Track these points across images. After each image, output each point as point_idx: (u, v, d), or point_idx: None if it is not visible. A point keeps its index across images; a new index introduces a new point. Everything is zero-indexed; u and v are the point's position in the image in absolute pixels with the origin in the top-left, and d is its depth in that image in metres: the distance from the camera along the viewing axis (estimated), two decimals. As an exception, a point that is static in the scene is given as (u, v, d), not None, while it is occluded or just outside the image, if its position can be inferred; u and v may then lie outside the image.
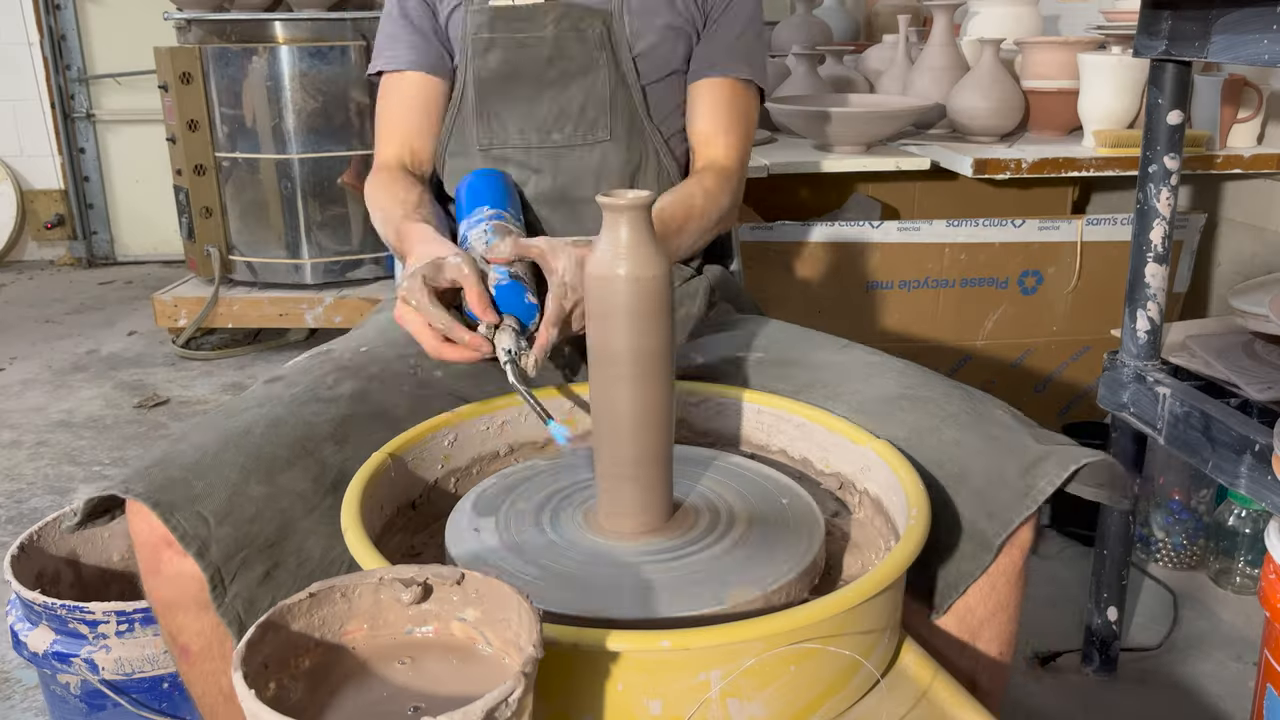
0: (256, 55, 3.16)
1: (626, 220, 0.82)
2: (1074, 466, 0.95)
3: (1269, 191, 2.22)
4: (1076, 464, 0.95)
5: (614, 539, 0.89)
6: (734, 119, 1.35)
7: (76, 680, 1.40)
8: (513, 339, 1.01)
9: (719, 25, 1.35)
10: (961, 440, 1.00)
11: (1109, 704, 1.64)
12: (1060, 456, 0.96)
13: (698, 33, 1.35)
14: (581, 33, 1.29)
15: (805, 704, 0.77)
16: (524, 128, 1.33)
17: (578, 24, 1.28)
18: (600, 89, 1.31)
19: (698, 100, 1.36)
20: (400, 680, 0.68)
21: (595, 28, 1.29)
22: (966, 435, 1.01)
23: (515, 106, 1.32)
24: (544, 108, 1.32)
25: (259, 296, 3.31)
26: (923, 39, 2.59)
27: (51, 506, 2.34)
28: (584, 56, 1.29)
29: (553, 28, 1.28)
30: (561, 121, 1.32)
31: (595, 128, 1.32)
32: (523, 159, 1.33)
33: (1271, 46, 1.17)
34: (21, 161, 4.57)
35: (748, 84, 1.37)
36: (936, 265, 2.24)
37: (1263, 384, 1.38)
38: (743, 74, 1.35)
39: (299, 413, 1.04)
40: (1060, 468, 0.95)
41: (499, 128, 1.33)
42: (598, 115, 1.32)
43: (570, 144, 1.32)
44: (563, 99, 1.31)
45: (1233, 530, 1.89)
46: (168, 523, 0.92)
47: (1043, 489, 0.94)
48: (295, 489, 0.98)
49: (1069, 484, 0.96)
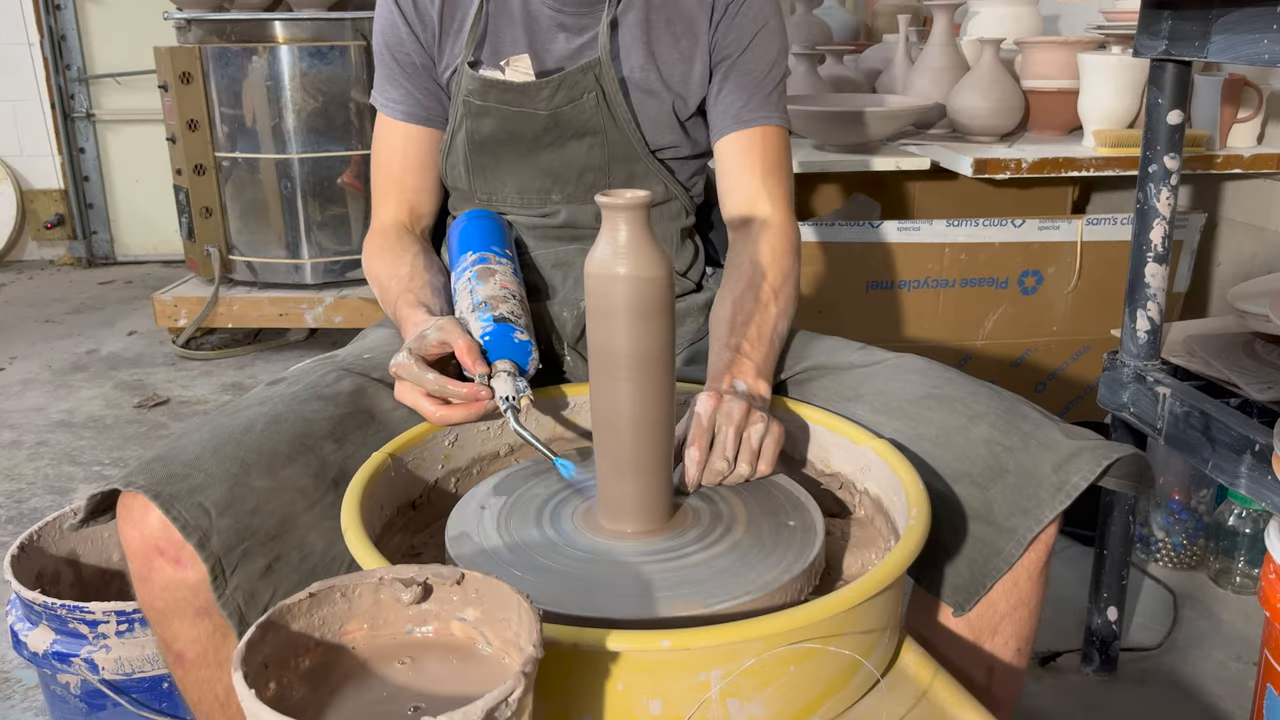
0: (256, 55, 3.16)
1: (625, 220, 0.82)
2: (1107, 462, 0.96)
3: (1269, 191, 2.22)
4: (1109, 459, 0.96)
5: (614, 539, 0.89)
6: (768, 166, 1.24)
7: (76, 680, 1.40)
8: (509, 383, 1.00)
9: (741, 67, 1.23)
10: (992, 438, 1.01)
11: (1109, 704, 1.64)
12: (1093, 452, 0.97)
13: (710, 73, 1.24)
14: (577, 103, 1.20)
15: (805, 704, 0.77)
16: (522, 188, 1.27)
17: (572, 94, 1.20)
18: (597, 154, 1.24)
19: (726, 158, 1.25)
20: (400, 680, 0.68)
21: (591, 93, 1.20)
22: (997, 433, 1.01)
23: (510, 166, 1.26)
24: (539, 170, 1.25)
25: (259, 296, 3.31)
26: (923, 39, 2.59)
27: (51, 506, 2.34)
28: (580, 124, 1.22)
29: (546, 104, 1.20)
30: (561, 184, 1.26)
31: (594, 189, 1.25)
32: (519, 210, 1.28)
33: (1271, 46, 1.17)
34: (21, 161, 4.57)
35: (778, 129, 1.26)
36: (936, 265, 2.24)
37: (1263, 384, 1.38)
38: (774, 121, 1.24)
39: (299, 410, 1.04)
40: (1094, 463, 0.96)
41: (496, 183, 1.27)
42: (596, 178, 1.25)
43: (569, 202, 1.26)
44: (559, 163, 1.25)
45: (1233, 530, 1.89)
46: (169, 513, 0.92)
47: (1076, 484, 0.95)
48: (297, 484, 0.98)
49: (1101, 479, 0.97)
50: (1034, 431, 1.01)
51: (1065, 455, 0.97)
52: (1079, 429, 1.03)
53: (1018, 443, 1.00)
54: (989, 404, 1.04)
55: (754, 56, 1.24)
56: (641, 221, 0.83)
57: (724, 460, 0.95)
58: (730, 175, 1.25)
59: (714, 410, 0.96)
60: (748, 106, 1.23)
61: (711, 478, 0.96)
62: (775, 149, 1.25)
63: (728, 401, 0.97)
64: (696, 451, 0.95)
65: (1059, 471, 0.96)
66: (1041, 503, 0.96)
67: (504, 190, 1.27)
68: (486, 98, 1.21)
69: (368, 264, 1.26)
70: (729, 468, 0.96)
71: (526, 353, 1.04)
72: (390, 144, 1.29)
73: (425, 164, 1.29)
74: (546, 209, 1.27)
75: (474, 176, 1.27)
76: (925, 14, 2.94)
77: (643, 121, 1.23)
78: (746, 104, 1.23)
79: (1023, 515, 0.96)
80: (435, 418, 0.99)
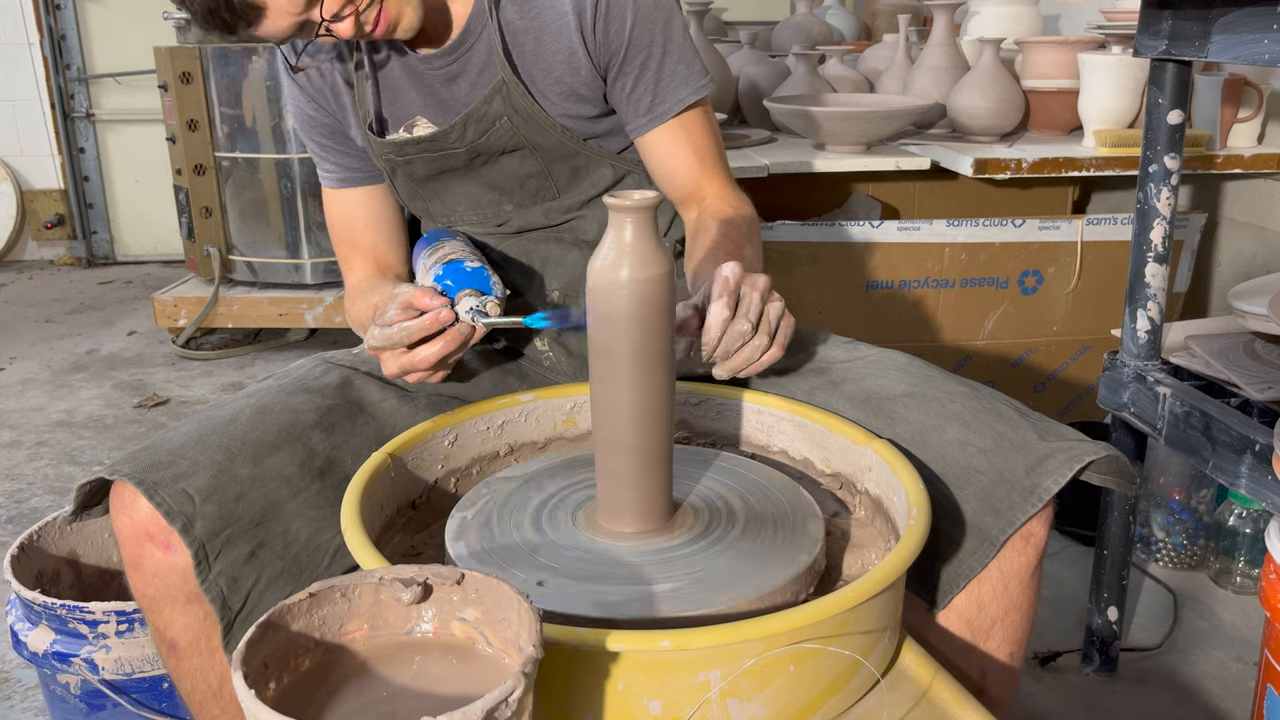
0: (256, 55, 3.16)
1: (632, 221, 0.82)
2: (1079, 465, 0.96)
3: (1269, 191, 2.22)
4: (1081, 462, 0.96)
5: (614, 539, 0.89)
6: (698, 151, 1.21)
7: (76, 680, 1.40)
8: (471, 300, 1.01)
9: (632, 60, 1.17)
10: (966, 439, 1.00)
11: (1109, 704, 1.64)
12: (1066, 454, 0.97)
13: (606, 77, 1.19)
14: (491, 131, 1.18)
15: (805, 704, 0.77)
16: (473, 202, 1.27)
17: (482, 126, 1.17)
18: (530, 162, 1.22)
19: (654, 153, 1.22)
20: (400, 680, 0.68)
21: (502, 118, 1.17)
22: (970, 434, 1.01)
23: (457, 187, 1.26)
24: (484, 185, 1.25)
25: (259, 296, 3.31)
26: (923, 39, 2.59)
27: (51, 506, 2.34)
28: (503, 145, 1.20)
29: (460, 141, 1.19)
30: (508, 194, 1.25)
31: (541, 191, 1.24)
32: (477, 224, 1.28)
33: (1271, 46, 1.17)
34: (21, 161, 4.57)
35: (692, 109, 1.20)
36: (936, 265, 2.24)
37: (1263, 384, 1.38)
38: (685, 101, 1.19)
39: (286, 402, 1.06)
40: (1065, 466, 0.96)
41: (452, 203, 1.27)
42: (539, 183, 1.24)
43: (520, 209, 1.26)
44: (499, 177, 1.24)
45: (1233, 530, 1.89)
46: (152, 499, 0.94)
47: (1048, 487, 0.95)
48: (282, 472, 1.00)
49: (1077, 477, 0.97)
50: (1008, 432, 1.00)
51: (1038, 458, 0.97)
52: (1058, 428, 1.02)
53: (990, 444, 0.99)
54: (966, 404, 1.04)
55: (638, 47, 1.16)
56: (648, 222, 0.83)
57: (747, 323, 0.90)
58: (664, 166, 1.22)
59: (741, 275, 0.92)
60: (656, 99, 1.18)
61: (732, 341, 0.91)
62: (699, 128, 1.21)
63: (752, 274, 0.93)
64: (724, 309, 0.90)
65: (1031, 474, 0.96)
66: (1014, 505, 0.95)
67: (459, 209, 1.28)
68: (404, 153, 1.21)
69: (349, 313, 1.29)
70: (751, 332, 0.91)
71: (484, 276, 1.04)
72: (340, 210, 1.31)
73: (377, 221, 1.31)
74: (500, 219, 1.27)
75: (428, 203, 1.28)
76: (925, 14, 2.94)
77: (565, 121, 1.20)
78: (655, 96, 1.18)
79: (995, 516, 0.96)
80: (420, 359, 0.99)
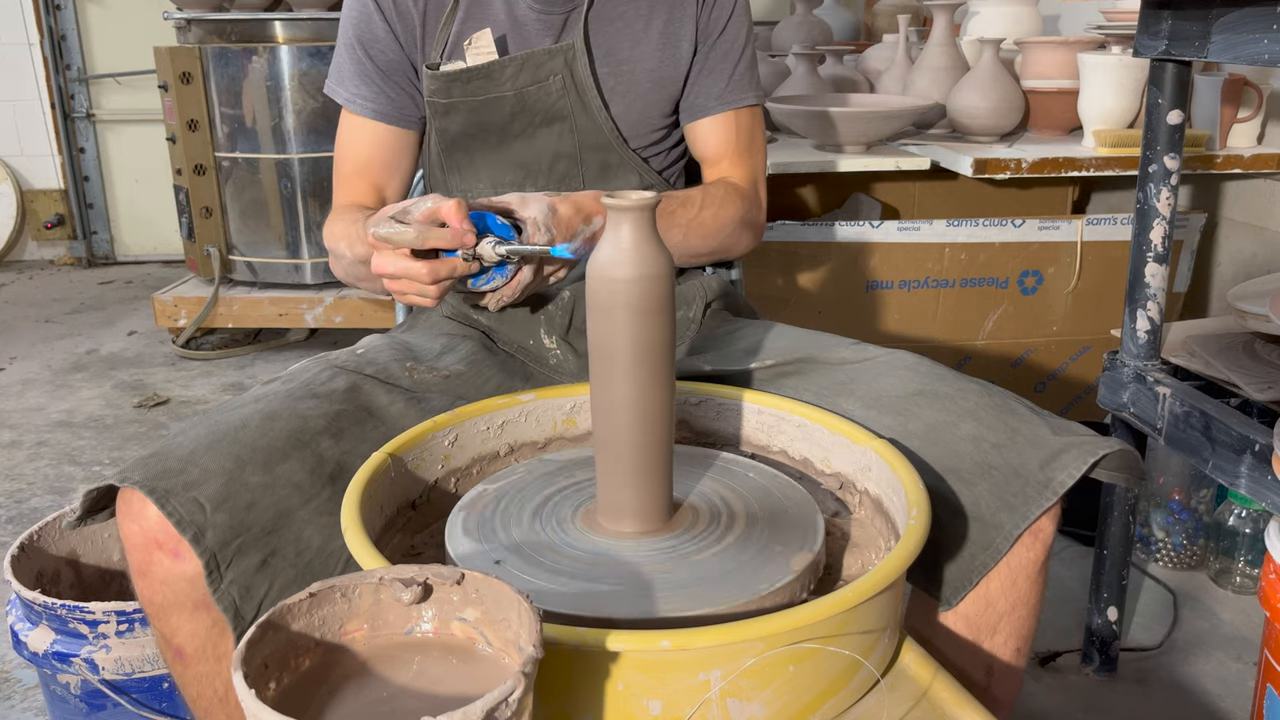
0: (256, 55, 3.16)
1: (630, 221, 0.82)
2: (1093, 459, 0.96)
3: (1269, 191, 2.22)
4: (1095, 456, 0.96)
5: (614, 538, 0.89)
6: (744, 147, 1.29)
7: (76, 680, 1.40)
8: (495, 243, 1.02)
9: (720, 49, 1.27)
10: (979, 435, 1.01)
11: (1109, 704, 1.64)
12: (1080, 448, 0.97)
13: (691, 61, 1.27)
14: (543, 84, 1.20)
15: (805, 704, 0.77)
16: (495, 181, 1.27)
17: (537, 75, 1.19)
18: (567, 140, 1.23)
19: (704, 137, 1.29)
20: (400, 680, 0.68)
21: (558, 76, 1.19)
22: (984, 430, 1.01)
23: (484, 160, 1.26)
24: (512, 162, 1.25)
25: (259, 296, 3.31)
26: (923, 39, 2.59)
27: (51, 506, 2.34)
28: (547, 107, 1.21)
29: (511, 83, 1.20)
30: (533, 176, 1.25)
31: (567, 179, 1.25)
32: None
33: (1271, 46, 1.17)
34: (21, 161, 4.57)
35: (753, 108, 1.31)
36: (936, 265, 2.24)
37: (1263, 384, 1.38)
38: (748, 101, 1.29)
39: (294, 407, 1.04)
40: (1080, 460, 0.96)
41: (472, 179, 1.27)
42: (568, 167, 1.25)
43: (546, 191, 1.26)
44: (530, 154, 1.24)
45: (1233, 530, 1.89)
46: (163, 508, 0.93)
47: (1063, 481, 0.95)
48: (293, 479, 0.99)
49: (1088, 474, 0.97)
50: (1021, 428, 1.01)
51: (1052, 452, 0.97)
52: (1069, 424, 1.02)
53: (1005, 439, 1.00)
54: (978, 401, 1.04)
55: (731, 36, 1.26)
56: (646, 223, 0.83)
57: None
58: (711, 148, 1.29)
59: None
60: (729, 88, 1.27)
61: None
62: (748, 128, 1.30)
63: None
64: None
65: (1045, 468, 0.97)
66: (1028, 499, 0.96)
67: (479, 186, 1.27)
68: (450, 94, 1.20)
69: (328, 230, 1.23)
70: None
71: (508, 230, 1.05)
72: (357, 142, 1.27)
73: (394, 165, 1.28)
74: None
75: (449, 175, 1.27)
76: (925, 14, 2.94)
77: (614, 108, 1.23)
78: (729, 85, 1.27)
79: (1009, 511, 0.96)
80: (425, 273, 0.99)
